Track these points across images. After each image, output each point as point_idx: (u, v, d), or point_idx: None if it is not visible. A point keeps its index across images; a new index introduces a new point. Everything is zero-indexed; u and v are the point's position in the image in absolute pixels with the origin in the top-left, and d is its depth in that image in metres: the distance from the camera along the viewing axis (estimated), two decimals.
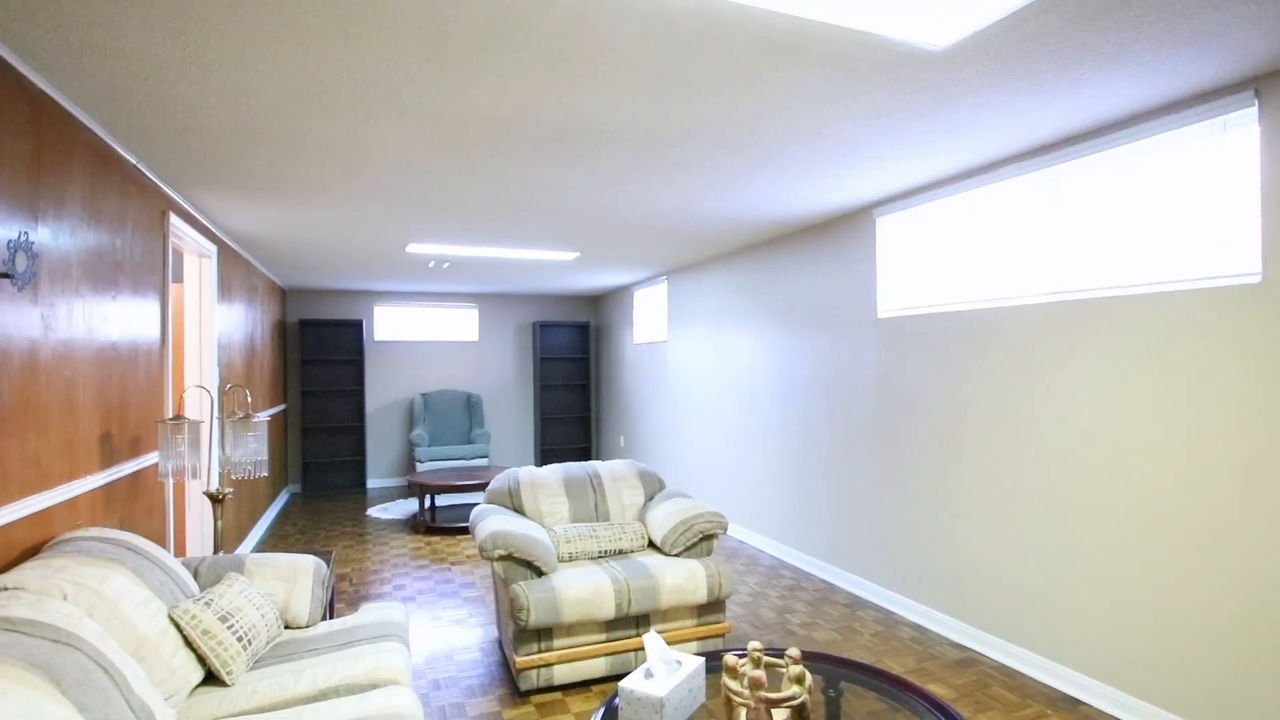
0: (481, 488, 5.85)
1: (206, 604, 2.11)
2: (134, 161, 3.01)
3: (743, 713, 1.69)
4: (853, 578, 4.22)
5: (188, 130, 2.67)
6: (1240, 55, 2.12)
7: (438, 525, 5.84)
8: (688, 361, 6.56)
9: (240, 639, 2.10)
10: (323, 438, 7.90)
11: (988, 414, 3.30)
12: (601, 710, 1.84)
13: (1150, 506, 2.61)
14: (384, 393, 8.25)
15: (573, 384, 9.08)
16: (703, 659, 1.99)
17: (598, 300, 9.31)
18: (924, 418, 3.69)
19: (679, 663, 1.91)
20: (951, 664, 3.19)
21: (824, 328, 4.53)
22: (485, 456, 7.71)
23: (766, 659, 1.88)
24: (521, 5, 1.76)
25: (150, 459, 3.14)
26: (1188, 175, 2.51)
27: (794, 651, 1.78)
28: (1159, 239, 2.60)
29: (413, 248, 5.27)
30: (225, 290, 4.75)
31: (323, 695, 1.99)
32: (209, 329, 4.29)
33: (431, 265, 6.21)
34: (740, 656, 1.92)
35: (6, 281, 1.94)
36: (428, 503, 7.20)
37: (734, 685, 1.73)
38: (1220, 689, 2.38)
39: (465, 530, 5.85)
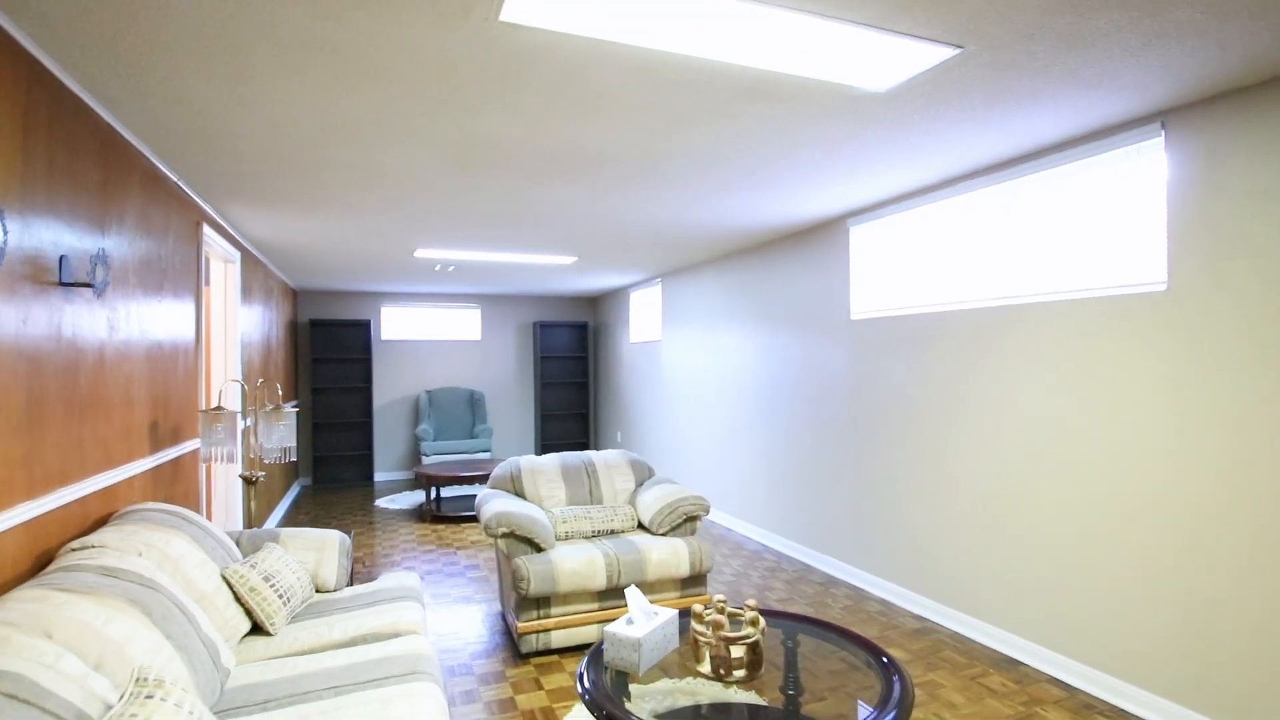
0: (484, 479, 6.19)
1: (252, 566, 2.45)
2: (176, 179, 3.35)
3: (706, 650, 2.03)
4: (829, 559, 4.57)
5: (230, 155, 3.01)
6: (1143, 95, 2.46)
7: (443, 514, 6.19)
8: (681, 360, 6.90)
9: (281, 596, 2.45)
10: (332, 433, 8.24)
11: (946, 407, 3.64)
12: (591, 651, 2.19)
13: (1079, 486, 2.95)
14: (390, 390, 8.59)
15: (572, 381, 9.42)
16: (676, 611, 2.34)
17: (596, 301, 9.65)
18: (891, 411, 4.03)
19: (656, 613, 2.25)
20: (910, 632, 3.53)
21: (803, 328, 4.87)
22: (488, 451, 8.06)
23: (729, 610, 2.21)
24: (523, 55, 2.10)
25: (188, 446, 3.48)
26: (1111, 195, 2.85)
27: (751, 602, 2.12)
28: (1088, 250, 2.94)
29: (421, 252, 5.61)
30: (246, 292, 5.09)
31: (353, 641, 2.33)
32: (233, 329, 4.63)
33: (438, 269, 6.56)
34: (707, 609, 2.25)
35: (89, 290, 2.28)
36: (434, 493, 7.54)
37: (700, 628, 2.07)
38: (1131, 645, 2.72)
39: (469, 519, 6.20)
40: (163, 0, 1.75)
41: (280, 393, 3.75)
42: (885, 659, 2.09)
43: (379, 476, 8.54)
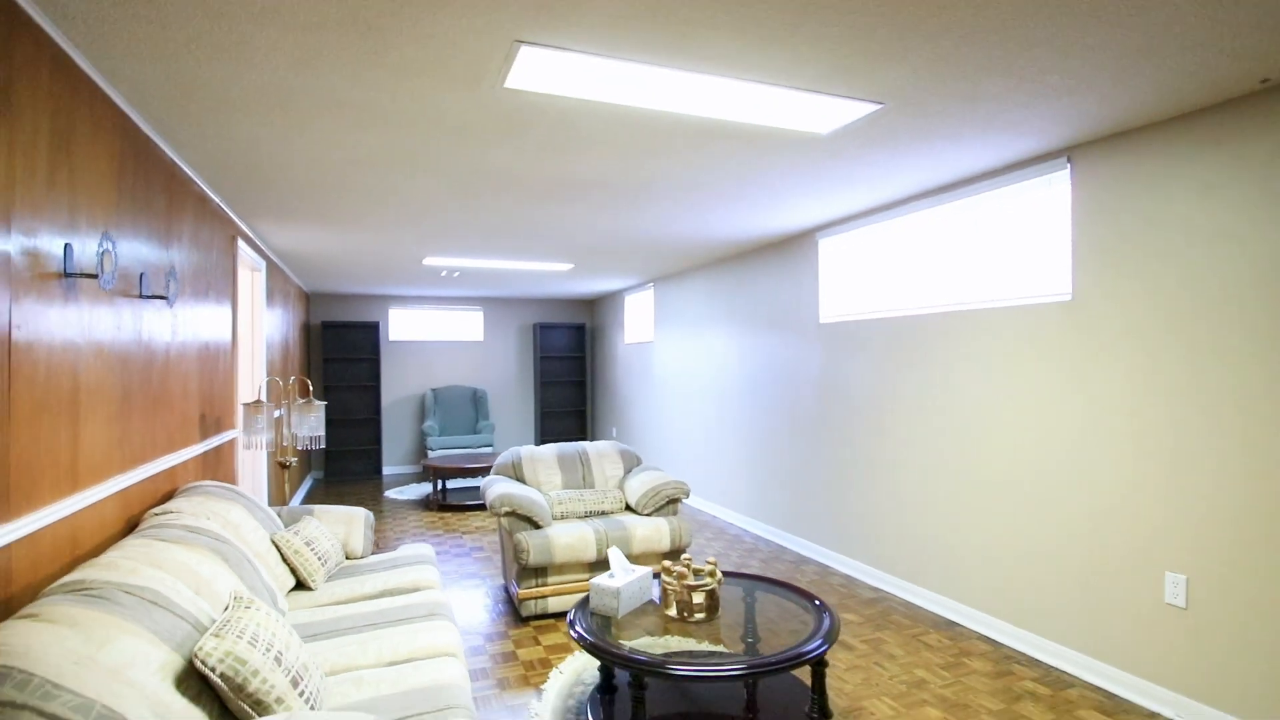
0: (487, 472, 6.65)
1: (295, 533, 2.91)
2: (218, 201, 3.81)
3: (673, 596, 2.48)
4: (801, 541, 5.02)
5: (268, 181, 3.47)
6: (1048, 136, 2.91)
7: (449, 504, 6.64)
8: (672, 360, 7.36)
9: (319, 558, 2.90)
10: (343, 429, 8.70)
11: (899, 402, 4.09)
12: (580, 600, 2.64)
13: (1005, 470, 3.40)
14: (398, 388, 9.05)
15: (570, 380, 9.88)
16: (650, 568, 2.79)
17: (593, 304, 10.10)
18: (855, 407, 4.48)
19: (633, 570, 2.71)
20: (866, 601, 3.98)
21: (778, 330, 5.32)
22: (490, 445, 8.51)
23: (694, 567, 2.66)
24: (524, 111, 2.56)
25: (227, 436, 3.94)
26: (1030, 217, 3.30)
27: (711, 559, 2.57)
28: (1012, 265, 3.39)
29: (429, 260, 6.06)
30: (269, 297, 5.55)
31: (381, 594, 2.79)
32: (259, 331, 5.09)
33: (444, 274, 7.02)
34: (675, 565, 2.70)
35: (162, 301, 2.74)
36: (440, 485, 7.99)
37: (668, 579, 2.52)
38: (1044, 604, 3.18)
39: (473, 508, 6.65)
40: (236, 71, 2.20)
41: (310, 388, 4.20)
42: (818, 602, 2.54)
43: (387, 470, 8.99)
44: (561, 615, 3.82)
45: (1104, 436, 2.94)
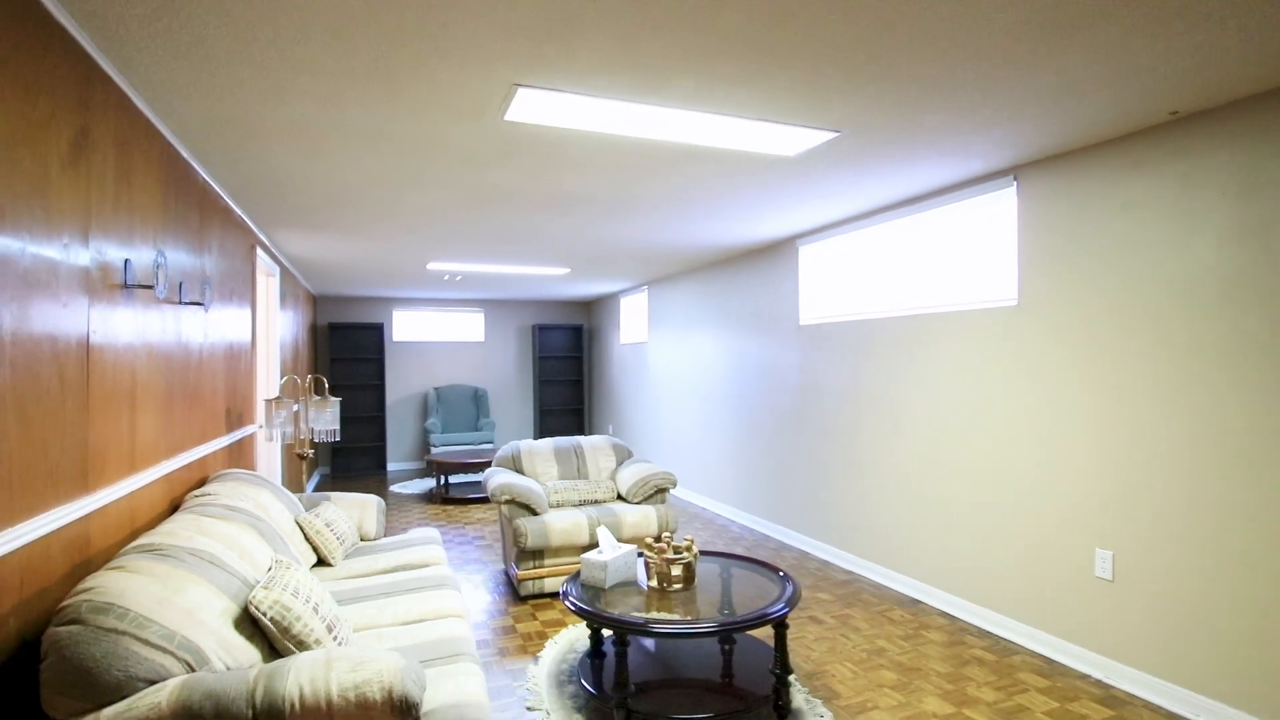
0: (488, 466, 6.97)
1: (316, 515, 3.23)
2: (240, 213, 4.13)
3: (654, 568, 2.80)
4: (783, 529, 5.34)
5: (288, 196, 3.79)
6: (994, 158, 3.23)
7: (452, 497, 6.96)
8: (664, 359, 7.68)
9: (338, 538, 3.22)
10: (349, 426, 9.01)
11: (871, 398, 4.41)
12: (571, 574, 2.95)
13: (963, 459, 3.72)
14: (401, 387, 9.37)
15: (568, 379, 10.20)
16: (635, 546, 3.11)
17: (590, 305, 10.43)
18: (830, 403, 4.80)
19: (620, 547, 3.03)
20: (838, 582, 4.30)
21: (762, 331, 5.64)
22: (491, 442, 8.83)
23: (674, 544, 2.98)
24: (521, 138, 2.88)
25: (248, 430, 4.25)
26: (983, 228, 3.62)
27: (689, 537, 2.89)
28: (968, 272, 3.71)
29: (432, 265, 6.39)
30: (281, 300, 5.87)
31: (394, 569, 3.11)
32: (274, 332, 5.41)
33: (446, 278, 7.34)
34: (657, 542, 3.02)
35: (199, 307, 3.06)
36: (443, 479, 8.31)
37: (650, 554, 2.84)
38: (993, 581, 3.50)
39: (475, 501, 6.97)
40: (270, 108, 2.52)
41: (327, 385, 4.52)
42: (782, 573, 2.86)
43: (391, 466, 9.31)
44: (557, 595, 4.15)
45: (1044, 428, 3.26)
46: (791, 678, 3.01)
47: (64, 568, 1.84)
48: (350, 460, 9.02)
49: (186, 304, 2.91)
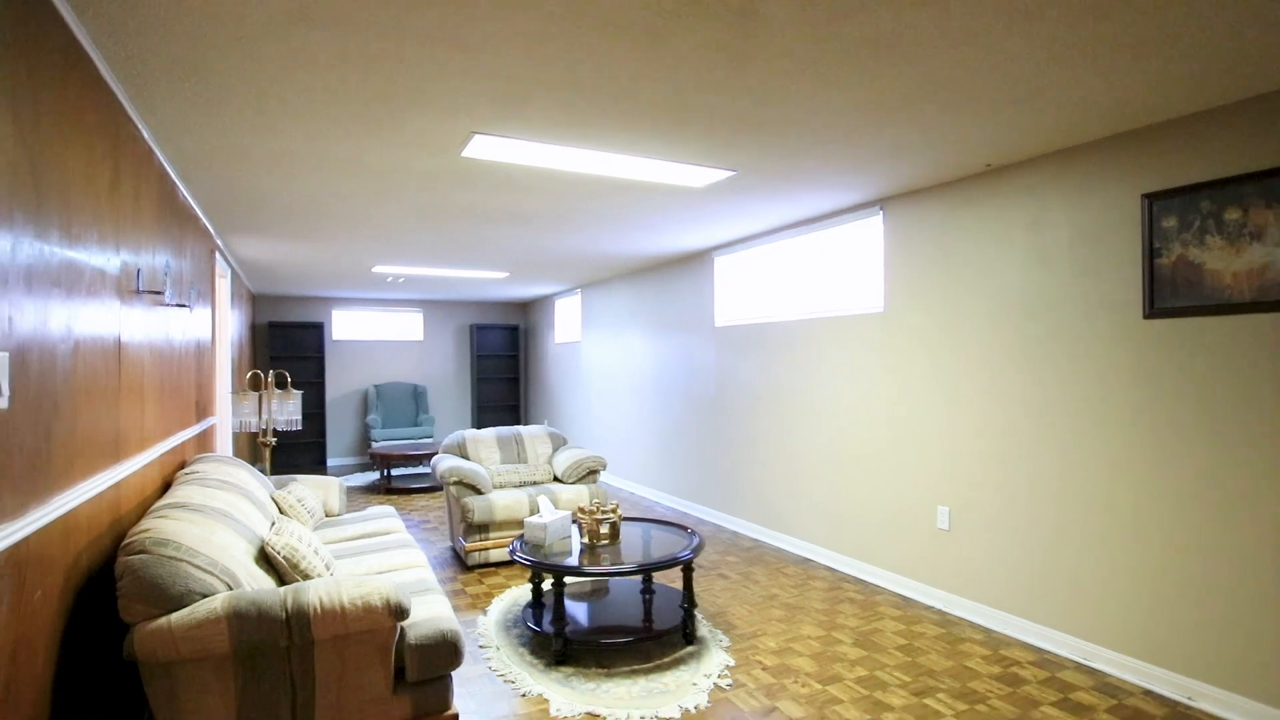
0: (429, 459, 7.39)
1: (289, 491, 3.67)
2: (206, 223, 4.48)
3: (584, 526, 3.40)
4: (702, 508, 6.03)
5: (258, 211, 4.19)
6: (864, 192, 3.97)
7: (395, 487, 7.36)
8: (597, 358, 8.27)
9: (309, 512, 3.67)
10: None
11: (773, 391, 5.14)
12: (517, 536, 3.51)
13: (844, 442, 4.47)
14: (342, 384, 9.62)
15: (504, 377, 10.66)
16: (569, 512, 3.70)
17: (526, 306, 10.91)
18: (741, 396, 5.51)
19: (558, 513, 3.61)
20: (745, 549, 5.01)
21: (684, 332, 6.32)
22: (431, 437, 9.21)
23: (602, 508, 3.58)
24: (476, 170, 3.42)
25: (211, 421, 4.61)
26: (860, 247, 4.38)
27: (614, 502, 3.50)
28: (847, 284, 4.47)
29: (378, 268, 6.78)
30: (230, 300, 6.15)
31: (361, 537, 3.59)
32: (226, 331, 5.71)
33: (390, 280, 7.71)
34: (588, 507, 3.62)
35: (183, 309, 3.46)
36: (386, 471, 8.64)
37: (583, 516, 3.43)
38: (867, 539, 4.26)
39: (418, 490, 7.38)
40: (261, 140, 2.99)
41: (289, 380, 4.89)
42: (689, 530, 3.51)
43: (331, 461, 9.55)
44: (501, 565, 4.68)
45: (904, 413, 4.03)
46: (698, 614, 3.66)
47: (107, 521, 2.29)
48: (290, 456, 9.22)
49: (174, 305, 3.32)
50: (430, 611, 2.46)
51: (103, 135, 2.23)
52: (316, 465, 9.31)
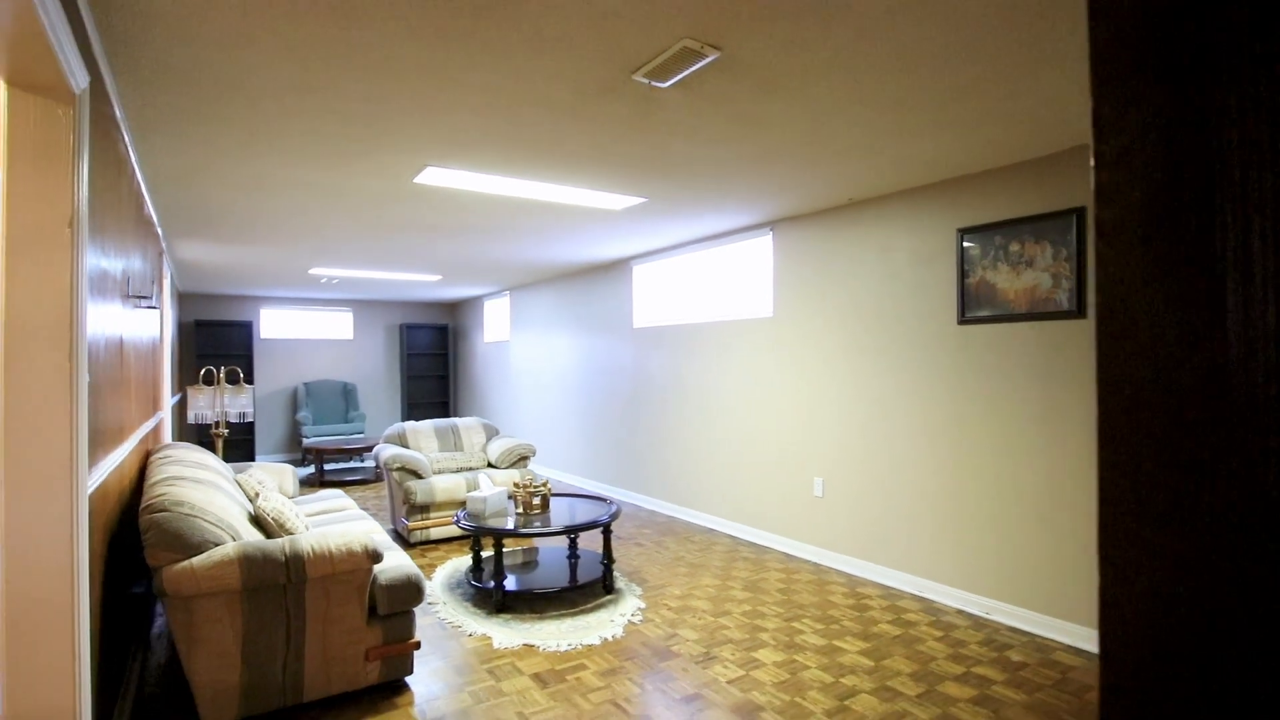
0: (361, 453, 7.76)
1: (249, 475, 4.09)
2: (157, 225, 4.80)
3: (519, 499, 4.00)
4: (622, 491, 6.70)
5: (213, 220, 4.55)
6: (759, 215, 4.73)
7: (329, 480, 7.67)
8: (525, 356, 8.81)
9: (270, 491, 4.10)
10: None
11: (684, 386, 5.86)
12: (460, 509, 4.07)
13: (741, 427, 5.23)
14: (270, 382, 9.76)
15: (434, 375, 11.01)
16: (506, 489, 4.28)
17: (455, 307, 11.29)
18: (656, 389, 6.21)
19: (496, 488, 4.18)
20: (659, 524, 5.71)
21: (606, 333, 6.97)
22: (361, 433, 9.50)
23: (535, 483, 4.17)
24: (426, 193, 3.95)
25: (161, 415, 4.91)
26: (754, 261, 5.15)
27: (544, 476, 4.10)
28: (744, 292, 5.23)
29: (314, 270, 7.10)
30: (170, 300, 6.36)
31: (320, 513, 4.06)
32: (169, 328, 5.95)
33: (324, 281, 8.00)
34: (521, 481, 4.21)
35: (154, 311, 3.84)
36: (320, 466, 8.90)
37: (517, 489, 4.03)
38: (761, 510, 5.03)
39: (351, 483, 7.72)
40: (240, 164, 3.43)
41: (241, 375, 5.22)
42: (609, 501, 4.17)
43: (260, 458, 9.67)
44: (442, 542, 5.20)
45: (789, 400, 4.82)
46: (616, 571, 4.32)
47: (116, 492, 2.73)
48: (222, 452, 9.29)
49: (147, 307, 3.70)
50: (396, 560, 3.01)
51: (120, 167, 2.67)
52: (246, 461, 9.41)
